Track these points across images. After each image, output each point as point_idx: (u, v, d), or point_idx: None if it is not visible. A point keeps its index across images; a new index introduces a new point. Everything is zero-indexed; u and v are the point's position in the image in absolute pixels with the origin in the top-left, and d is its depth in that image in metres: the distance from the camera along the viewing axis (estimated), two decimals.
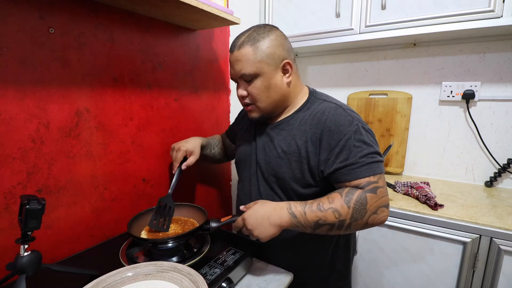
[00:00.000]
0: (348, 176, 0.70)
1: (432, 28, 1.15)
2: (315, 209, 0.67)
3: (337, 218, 0.67)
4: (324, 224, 0.67)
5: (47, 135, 0.72)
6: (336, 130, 0.72)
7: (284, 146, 0.79)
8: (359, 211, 0.67)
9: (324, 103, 0.79)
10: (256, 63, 0.74)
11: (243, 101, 0.80)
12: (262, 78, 0.75)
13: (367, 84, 1.58)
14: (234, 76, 0.79)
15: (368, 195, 0.68)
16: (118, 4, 0.82)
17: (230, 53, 0.78)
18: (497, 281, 0.96)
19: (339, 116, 0.74)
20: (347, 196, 0.68)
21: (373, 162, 0.70)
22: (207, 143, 1.06)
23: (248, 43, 0.74)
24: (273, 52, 0.75)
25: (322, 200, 0.69)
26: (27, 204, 0.50)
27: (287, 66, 0.77)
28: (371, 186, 0.69)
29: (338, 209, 0.67)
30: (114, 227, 0.90)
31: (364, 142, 0.71)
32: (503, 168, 1.27)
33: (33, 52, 0.68)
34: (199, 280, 0.57)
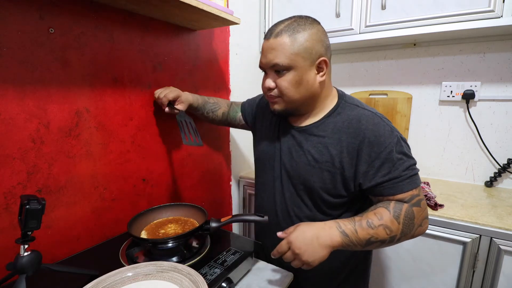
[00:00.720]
0: (392, 190, 0.69)
1: (432, 28, 1.15)
2: (365, 226, 0.66)
3: (388, 234, 0.66)
4: (375, 241, 0.66)
5: (47, 135, 0.72)
6: (376, 141, 0.69)
7: (315, 154, 0.76)
8: (408, 225, 0.67)
9: (357, 109, 0.75)
10: (291, 55, 0.69)
11: (269, 93, 0.76)
12: (294, 72, 0.71)
13: (367, 84, 1.58)
14: (264, 65, 0.74)
15: (415, 209, 0.68)
16: (118, 4, 0.82)
17: (265, 40, 0.73)
18: (497, 281, 0.96)
19: (378, 126, 0.71)
20: (395, 212, 0.67)
21: (414, 175, 0.70)
22: (201, 106, 1.03)
23: (286, 33, 0.69)
24: (311, 46, 0.70)
25: (370, 216, 0.67)
26: (27, 204, 0.50)
27: (322, 64, 0.73)
28: (415, 200, 0.68)
29: (389, 225, 0.66)
30: (114, 227, 0.90)
31: (405, 154, 0.70)
32: (503, 168, 1.27)
33: (33, 52, 0.68)
34: (199, 280, 0.57)
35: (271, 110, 0.79)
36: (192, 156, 1.17)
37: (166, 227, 0.82)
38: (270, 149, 0.87)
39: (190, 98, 0.98)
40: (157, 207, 0.88)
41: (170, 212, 0.89)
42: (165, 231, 0.80)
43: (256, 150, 0.96)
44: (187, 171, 1.15)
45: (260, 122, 0.95)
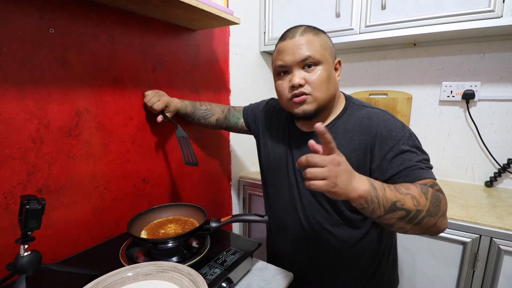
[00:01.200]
0: (408, 178, 0.65)
1: (432, 28, 1.15)
2: (394, 189, 0.59)
3: (416, 206, 0.58)
4: (401, 208, 0.57)
5: (47, 135, 0.72)
6: (388, 135, 0.68)
7: None
8: (434, 206, 0.60)
9: (366, 109, 0.75)
10: (321, 50, 0.71)
11: (298, 90, 0.71)
12: (324, 67, 0.71)
13: (367, 84, 1.58)
14: (291, 62, 0.71)
15: (441, 194, 0.63)
16: (118, 4, 0.82)
17: (288, 39, 0.72)
18: (497, 281, 0.96)
19: (389, 121, 0.70)
20: (423, 188, 0.61)
21: (429, 168, 0.67)
22: (190, 113, 1.03)
23: (310, 32, 0.72)
24: (332, 46, 0.76)
25: (398, 186, 0.60)
26: (27, 204, 0.50)
27: (337, 64, 0.77)
28: (437, 187, 0.64)
29: (417, 197, 0.59)
30: (114, 227, 0.90)
31: (418, 148, 0.68)
32: (503, 168, 1.27)
33: (33, 52, 0.68)
34: (199, 280, 0.57)
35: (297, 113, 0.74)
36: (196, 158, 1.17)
37: (166, 227, 0.82)
38: (281, 156, 0.85)
39: (178, 105, 0.99)
40: (157, 207, 0.88)
41: (170, 212, 0.89)
42: (165, 231, 0.80)
43: (264, 158, 0.93)
44: (187, 171, 1.15)
45: (267, 128, 0.93)
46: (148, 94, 0.93)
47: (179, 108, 0.99)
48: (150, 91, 0.94)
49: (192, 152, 0.94)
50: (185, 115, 1.03)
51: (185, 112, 1.02)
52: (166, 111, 0.95)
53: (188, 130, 1.13)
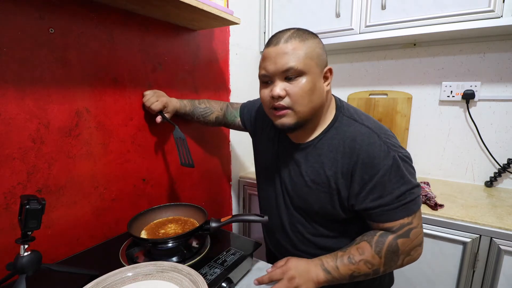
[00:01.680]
0: (382, 217, 0.67)
1: (432, 28, 1.15)
2: (346, 262, 0.66)
3: (370, 268, 0.66)
4: (358, 275, 0.67)
5: (47, 135, 0.72)
6: (370, 163, 0.65)
7: (311, 175, 0.73)
8: (391, 258, 0.66)
9: (354, 125, 0.71)
10: (306, 59, 0.65)
11: (277, 102, 0.67)
12: (308, 77, 0.66)
13: (367, 84, 1.58)
14: (273, 72, 0.67)
15: (400, 241, 0.66)
16: (118, 4, 0.82)
17: (272, 46, 0.67)
18: (497, 281, 0.96)
19: (373, 146, 0.66)
20: (377, 246, 0.66)
21: (409, 201, 0.65)
22: (189, 112, 1.02)
23: (297, 38, 0.66)
24: (321, 53, 0.69)
25: (352, 251, 0.68)
26: (27, 204, 0.50)
27: (328, 73, 0.71)
28: (404, 230, 0.66)
29: (370, 260, 0.66)
30: (114, 227, 0.90)
31: (401, 177, 0.65)
32: (503, 168, 1.27)
33: (33, 52, 0.68)
34: (199, 280, 0.57)
35: (277, 125, 0.71)
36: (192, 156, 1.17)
37: (166, 227, 0.82)
38: (270, 165, 0.85)
39: (177, 106, 0.98)
40: (157, 207, 0.88)
41: (170, 212, 0.89)
42: (165, 231, 0.80)
43: (256, 160, 0.95)
44: (187, 171, 1.15)
45: (260, 130, 0.91)
46: (146, 94, 0.93)
47: (178, 108, 0.99)
48: (149, 91, 0.94)
49: (189, 154, 0.94)
50: (184, 114, 1.03)
51: (184, 111, 1.02)
52: (165, 111, 0.95)
53: (188, 129, 1.13)
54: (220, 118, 1.06)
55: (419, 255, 0.69)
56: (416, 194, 0.67)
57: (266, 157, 0.87)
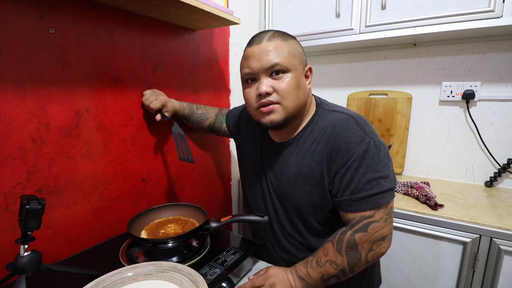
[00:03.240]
0: (348, 207, 0.68)
1: (432, 28, 1.15)
2: (315, 266, 0.68)
3: (336, 268, 0.67)
4: (328, 277, 0.68)
5: (47, 135, 0.72)
6: (346, 148, 0.66)
7: (295, 170, 0.74)
8: (353, 255, 0.66)
9: (334, 114, 0.73)
10: (289, 57, 0.67)
11: (265, 99, 0.67)
12: (293, 74, 0.67)
13: (367, 84, 1.58)
14: (258, 69, 0.67)
15: (357, 236, 0.65)
16: (118, 4, 0.82)
17: (255, 44, 0.68)
18: (497, 281, 0.95)
19: (351, 131, 0.67)
20: (338, 245, 0.67)
21: (376, 193, 0.65)
22: (187, 116, 1.03)
23: (279, 37, 0.68)
24: (302, 52, 0.72)
25: (319, 254, 0.70)
26: (27, 204, 0.50)
27: (309, 72, 0.74)
28: (362, 223, 0.65)
29: (334, 260, 0.67)
30: (114, 227, 0.90)
31: (372, 164, 0.65)
32: (503, 168, 1.27)
33: (33, 52, 0.68)
34: (199, 280, 0.57)
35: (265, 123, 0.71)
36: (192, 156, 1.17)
37: (166, 227, 0.82)
38: (255, 167, 0.86)
39: (176, 106, 0.99)
40: (157, 207, 0.88)
41: (170, 212, 0.89)
42: (165, 231, 0.80)
43: (240, 164, 0.97)
44: (187, 171, 1.15)
45: (244, 133, 0.93)
46: (146, 93, 0.93)
47: (177, 109, 0.99)
48: (148, 90, 0.94)
49: (188, 149, 0.94)
50: (182, 117, 1.03)
51: (182, 114, 1.02)
52: (164, 110, 0.95)
53: (187, 130, 1.13)
54: (212, 125, 1.08)
55: (385, 250, 0.67)
56: (386, 186, 0.65)
57: (251, 159, 0.88)
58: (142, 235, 0.78)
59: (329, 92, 1.69)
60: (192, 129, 1.12)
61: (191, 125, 1.07)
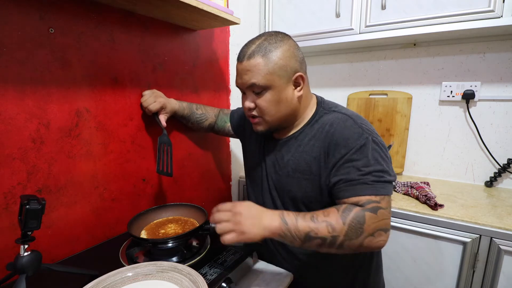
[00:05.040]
0: (347, 193, 0.65)
1: (432, 28, 1.15)
2: (308, 219, 0.62)
3: (330, 233, 0.61)
4: (315, 237, 0.61)
5: (47, 135, 0.72)
6: (343, 143, 0.67)
7: (293, 164, 0.76)
8: (355, 229, 0.61)
9: (333, 114, 0.75)
10: (267, 75, 0.69)
11: (250, 113, 0.75)
12: (272, 91, 0.70)
13: (367, 84, 1.58)
14: (241, 86, 0.74)
15: (367, 214, 0.61)
16: (118, 4, 0.82)
17: (238, 62, 0.72)
18: (497, 281, 0.95)
19: (348, 128, 0.69)
20: (344, 212, 0.62)
21: (378, 182, 0.64)
22: (186, 116, 1.03)
23: (259, 54, 0.69)
24: (286, 64, 0.70)
25: (317, 213, 0.64)
26: (27, 204, 0.50)
27: (299, 79, 0.73)
28: (371, 205, 0.62)
29: (333, 224, 0.61)
30: (114, 227, 0.90)
31: (371, 158, 0.65)
32: (503, 168, 1.27)
33: (33, 52, 0.68)
34: (199, 280, 0.57)
35: (255, 130, 0.79)
36: (192, 156, 1.17)
37: (166, 227, 0.82)
38: (257, 164, 0.88)
39: (175, 107, 0.99)
40: (157, 207, 0.88)
41: (170, 212, 0.89)
42: (165, 231, 0.80)
43: (245, 163, 0.98)
44: (187, 171, 1.15)
45: (249, 133, 0.95)
46: (145, 94, 0.93)
47: (176, 110, 0.99)
48: (147, 91, 0.94)
49: (170, 162, 0.91)
50: (182, 117, 1.03)
51: (182, 114, 1.02)
52: (163, 112, 0.95)
53: (187, 130, 1.13)
54: (212, 125, 1.09)
55: (383, 243, 0.64)
56: (386, 178, 0.65)
57: (254, 156, 0.90)
58: (142, 235, 0.78)
59: (329, 92, 1.69)
60: (192, 129, 1.12)
61: (190, 125, 1.08)
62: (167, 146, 0.92)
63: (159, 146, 0.91)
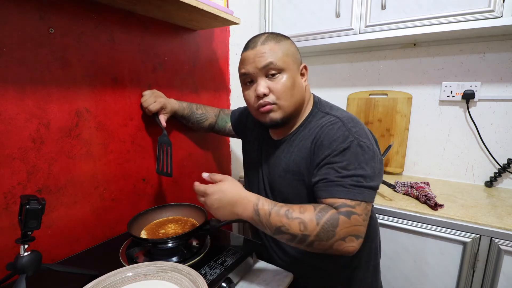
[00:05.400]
0: (324, 193, 0.65)
1: (432, 28, 1.15)
2: (282, 213, 0.62)
3: (302, 231, 0.61)
4: (285, 232, 0.62)
5: (47, 135, 0.72)
6: (327, 145, 0.68)
7: (284, 165, 0.78)
8: (327, 231, 0.60)
9: (325, 117, 0.74)
10: (283, 57, 0.71)
11: (263, 100, 0.71)
12: (287, 74, 0.71)
13: (367, 84, 1.58)
14: (253, 71, 0.71)
15: (341, 218, 0.60)
16: (118, 4, 0.82)
17: (250, 49, 0.72)
18: (497, 281, 0.95)
19: (336, 131, 0.69)
20: (320, 212, 0.61)
21: (355, 186, 0.63)
22: (186, 116, 1.03)
23: (272, 40, 0.72)
24: (295, 52, 0.75)
25: (294, 207, 0.63)
26: (27, 204, 0.50)
27: (304, 70, 0.77)
28: (345, 209, 0.61)
29: (306, 222, 0.60)
30: (114, 227, 0.90)
31: (353, 162, 0.64)
32: (503, 168, 1.27)
33: (33, 52, 0.68)
34: (199, 280, 0.57)
35: (265, 122, 0.75)
36: (192, 156, 1.17)
37: (166, 227, 0.82)
38: (255, 164, 0.90)
39: (175, 107, 0.99)
40: (157, 207, 0.88)
41: (170, 212, 0.89)
42: (165, 231, 0.80)
43: (244, 161, 0.99)
44: (187, 171, 1.15)
45: (250, 133, 0.96)
46: (145, 94, 0.93)
47: (176, 109, 0.99)
48: (147, 91, 0.94)
49: (170, 162, 0.91)
50: (182, 117, 1.03)
51: (182, 114, 1.02)
52: (163, 112, 0.95)
53: (188, 130, 1.13)
54: (212, 125, 1.09)
55: (353, 249, 0.62)
56: (365, 184, 0.64)
57: (252, 156, 0.92)
58: (142, 235, 0.78)
59: (329, 92, 1.69)
60: (192, 129, 1.12)
61: (190, 125, 1.08)
62: (167, 147, 0.92)
63: (159, 146, 0.91)
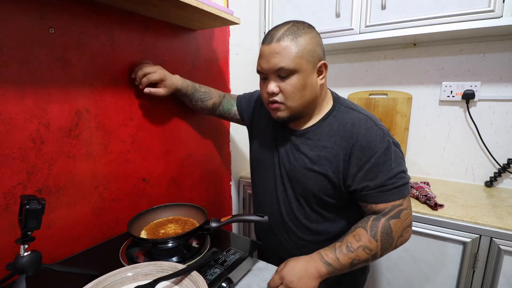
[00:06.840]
0: (377, 199, 0.71)
1: (432, 28, 1.15)
2: (345, 251, 0.68)
3: (369, 254, 0.68)
4: (358, 262, 0.69)
5: (47, 135, 0.72)
6: (367, 146, 0.71)
7: (312, 157, 0.77)
8: (387, 240, 0.69)
9: (352, 113, 0.76)
10: (296, 58, 0.69)
11: (272, 98, 0.74)
12: (299, 75, 0.70)
13: (367, 84, 1.58)
14: (266, 70, 0.72)
15: (392, 222, 0.69)
16: (118, 4, 0.82)
17: (266, 44, 0.72)
18: (497, 281, 0.96)
19: (370, 130, 0.72)
20: (372, 230, 0.69)
21: (401, 185, 0.71)
22: (190, 93, 0.97)
23: (288, 36, 0.69)
24: (313, 49, 0.71)
25: (349, 240, 0.70)
26: (27, 204, 0.50)
27: (323, 67, 0.74)
28: (395, 211, 0.70)
29: (368, 245, 0.68)
30: (114, 227, 0.90)
31: (394, 159, 0.71)
32: (503, 168, 1.27)
33: (33, 52, 0.68)
34: (199, 280, 0.57)
35: (274, 117, 0.78)
36: (192, 156, 1.17)
37: (166, 227, 0.82)
38: (268, 151, 0.88)
39: (178, 83, 0.93)
40: (157, 207, 0.88)
41: (170, 212, 0.89)
42: (165, 231, 0.80)
43: (253, 149, 0.96)
44: (187, 171, 1.15)
45: (257, 120, 0.95)
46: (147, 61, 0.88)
47: (179, 86, 0.93)
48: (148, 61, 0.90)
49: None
50: (185, 95, 0.98)
51: (186, 92, 0.96)
52: (162, 85, 0.89)
53: (188, 130, 1.13)
54: (216, 105, 1.04)
55: (410, 236, 0.73)
56: (407, 178, 0.73)
57: (264, 145, 0.90)
58: (142, 235, 0.78)
59: None
60: (195, 110, 1.07)
61: (194, 103, 1.01)
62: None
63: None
